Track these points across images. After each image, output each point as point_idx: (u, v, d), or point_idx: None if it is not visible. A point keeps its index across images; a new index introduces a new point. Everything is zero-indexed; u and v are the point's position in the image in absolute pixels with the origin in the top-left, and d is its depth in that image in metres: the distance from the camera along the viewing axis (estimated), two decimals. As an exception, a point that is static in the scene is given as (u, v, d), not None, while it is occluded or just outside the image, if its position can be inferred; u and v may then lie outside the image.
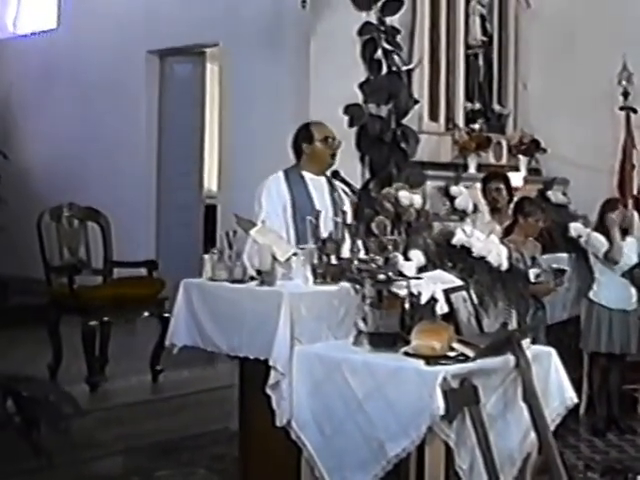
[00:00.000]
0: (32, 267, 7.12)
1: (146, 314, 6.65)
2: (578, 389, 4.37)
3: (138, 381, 6.64)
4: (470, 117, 8.46)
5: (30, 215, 7.00)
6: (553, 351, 4.26)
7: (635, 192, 8.29)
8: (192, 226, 9.10)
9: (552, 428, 4.03)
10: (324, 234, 4.69)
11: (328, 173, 5.37)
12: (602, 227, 7.12)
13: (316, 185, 5.24)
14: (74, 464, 5.21)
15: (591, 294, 7.14)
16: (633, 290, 7.13)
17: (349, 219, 5.15)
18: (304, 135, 5.28)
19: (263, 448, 4.42)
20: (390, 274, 4.20)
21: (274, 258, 4.47)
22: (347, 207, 5.33)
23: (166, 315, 6.30)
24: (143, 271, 6.92)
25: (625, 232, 7.16)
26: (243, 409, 4.63)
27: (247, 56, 7.96)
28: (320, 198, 5.20)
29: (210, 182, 9.68)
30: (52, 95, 9.96)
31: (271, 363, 4.14)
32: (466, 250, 4.91)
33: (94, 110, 9.46)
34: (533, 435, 3.99)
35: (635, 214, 7.60)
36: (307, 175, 5.24)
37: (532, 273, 6.10)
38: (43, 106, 10.03)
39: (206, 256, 4.87)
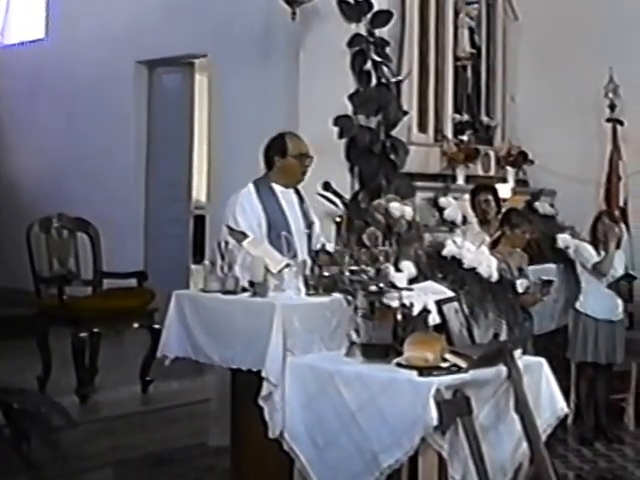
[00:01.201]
0: (21, 278, 7.10)
1: (136, 325, 6.63)
2: (566, 399, 4.39)
3: (128, 392, 6.62)
4: (458, 129, 8.48)
5: (19, 226, 6.99)
6: (544, 362, 4.29)
7: (621, 204, 8.35)
8: (181, 237, 9.08)
9: (543, 438, 4.05)
10: (298, 247, 4.73)
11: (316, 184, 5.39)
12: (595, 238, 7.17)
13: (286, 198, 5.24)
14: (64, 476, 5.19)
15: (578, 305, 7.18)
16: (619, 301, 7.17)
17: (317, 230, 5.17)
18: (277, 147, 5.23)
19: (255, 460, 4.43)
20: (382, 285, 4.21)
21: (267, 270, 4.49)
22: (315, 219, 5.35)
23: (156, 326, 6.30)
24: (133, 282, 6.92)
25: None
26: (235, 420, 4.63)
27: (236, 67, 7.96)
28: (291, 211, 5.21)
29: (199, 193, 9.69)
30: (40, 105, 9.95)
31: (264, 374, 4.15)
32: (457, 261, 4.93)
33: (82, 120, 9.45)
34: (524, 445, 4.02)
35: (623, 226, 7.65)
36: (277, 188, 5.22)
37: (519, 284, 6.13)
38: (31, 116, 10.02)
39: (193, 266, 4.87)
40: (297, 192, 5.31)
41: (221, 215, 5.32)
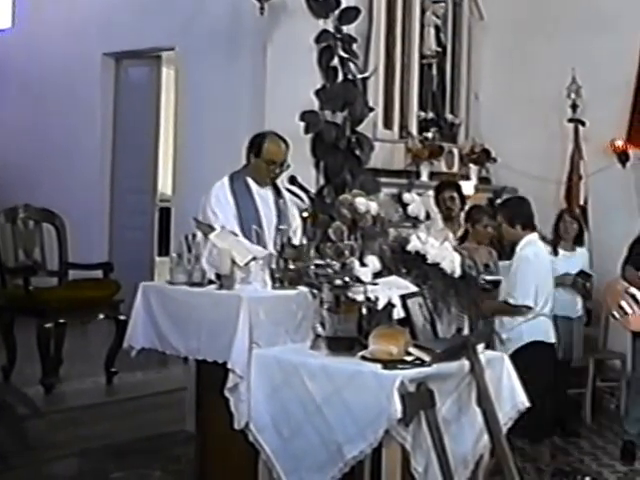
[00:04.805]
0: (-14, 268, 7.07)
1: (101, 316, 6.65)
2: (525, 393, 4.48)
3: (93, 383, 6.65)
4: (423, 126, 8.55)
5: (-16, 216, 6.96)
6: (505, 356, 4.37)
7: (582, 202, 8.47)
8: (146, 229, 9.10)
9: (504, 431, 4.13)
10: (269, 244, 4.77)
11: (284, 178, 5.42)
12: (557, 237, 7.29)
13: (260, 193, 5.26)
14: (29, 466, 5.20)
15: (537, 301, 7.29)
16: (578, 298, 7.29)
17: (297, 227, 5.20)
18: (255, 145, 5.25)
19: (220, 450, 4.46)
20: (347, 279, 4.27)
21: (233, 262, 4.52)
22: (295, 214, 5.37)
23: (121, 317, 6.33)
24: (98, 273, 6.94)
25: (577, 241, 7.34)
26: (200, 411, 4.67)
27: (203, 61, 7.97)
28: (264, 206, 5.23)
29: (164, 185, 9.69)
30: (6, 96, 9.89)
31: (229, 366, 4.18)
32: (421, 257, 4.98)
33: (49, 111, 9.41)
34: (486, 438, 4.08)
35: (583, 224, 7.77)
36: (252, 184, 5.24)
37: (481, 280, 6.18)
38: (-4, 106, 9.98)
39: (158, 258, 4.88)
40: (275, 187, 5.32)
41: (186, 208, 5.33)
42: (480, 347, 4.17)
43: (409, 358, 3.95)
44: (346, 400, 3.87)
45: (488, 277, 6.28)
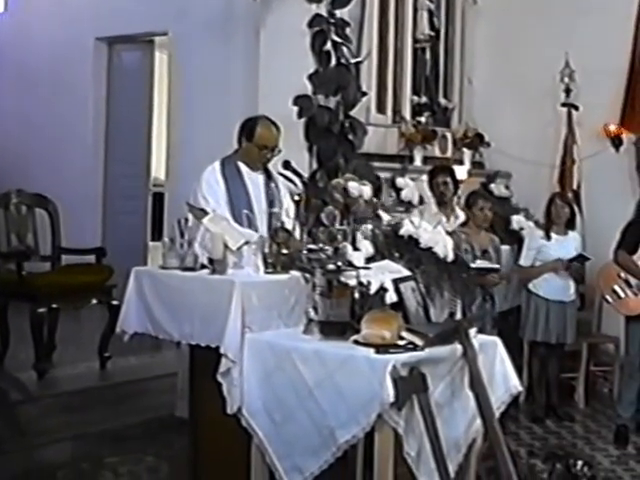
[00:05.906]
0: (-21, 254, 7.06)
1: (94, 301, 6.64)
2: (518, 377, 4.47)
3: (86, 368, 6.64)
4: (416, 110, 8.55)
5: (-23, 202, 6.95)
6: (498, 340, 4.36)
7: (575, 187, 8.49)
8: (139, 214, 9.09)
9: (497, 415, 4.13)
10: (261, 228, 4.76)
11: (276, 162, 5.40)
12: (549, 221, 7.30)
13: (252, 178, 5.23)
14: (23, 451, 5.20)
15: (530, 285, 7.31)
16: (571, 282, 7.30)
17: (290, 211, 5.20)
18: (247, 129, 5.21)
19: (213, 435, 4.47)
20: (339, 264, 4.27)
21: (226, 247, 4.51)
22: (287, 198, 5.34)
23: (114, 302, 6.33)
24: (91, 258, 6.94)
25: (569, 225, 7.35)
26: (193, 396, 4.68)
27: (196, 46, 7.95)
28: (255, 190, 5.20)
29: (158, 170, 9.68)
30: (-2, 80, 9.89)
31: (222, 351, 4.18)
32: (414, 241, 4.98)
33: (41, 96, 9.38)
34: (478, 422, 4.07)
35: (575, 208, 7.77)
36: (243, 167, 5.21)
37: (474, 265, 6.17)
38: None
39: (151, 243, 4.87)
40: (266, 171, 5.30)
41: (179, 192, 5.31)
42: (473, 331, 4.17)
43: (402, 342, 3.95)
44: (338, 384, 3.87)
45: (479, 264, 6.30)
